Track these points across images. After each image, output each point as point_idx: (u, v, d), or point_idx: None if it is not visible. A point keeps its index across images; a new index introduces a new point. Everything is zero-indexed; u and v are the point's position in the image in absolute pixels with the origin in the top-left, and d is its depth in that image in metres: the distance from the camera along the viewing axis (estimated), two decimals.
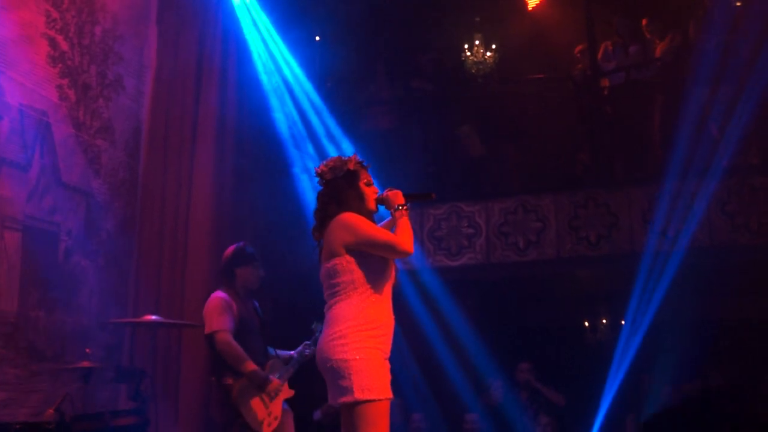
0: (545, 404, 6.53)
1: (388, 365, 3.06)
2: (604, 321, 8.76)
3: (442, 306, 6.66)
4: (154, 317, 4.59)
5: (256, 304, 4.71)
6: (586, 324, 8.87)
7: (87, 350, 4.58)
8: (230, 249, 4.63)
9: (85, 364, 4.34)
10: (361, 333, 2.97)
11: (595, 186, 6.58)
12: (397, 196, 3.24)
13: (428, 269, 6.64)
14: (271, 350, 4.62)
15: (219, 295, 4.45)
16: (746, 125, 6.00)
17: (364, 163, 3.31)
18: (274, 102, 7.00)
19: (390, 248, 3.07)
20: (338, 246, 3.08)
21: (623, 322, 6.67)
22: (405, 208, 3.21)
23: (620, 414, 6.47)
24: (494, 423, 6.52)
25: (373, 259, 3.10)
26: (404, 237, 3.09)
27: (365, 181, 3.26)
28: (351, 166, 3.23)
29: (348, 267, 3.06)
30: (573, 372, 7.39)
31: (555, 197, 6.58)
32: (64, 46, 5.48)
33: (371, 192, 3.26)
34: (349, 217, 3.11)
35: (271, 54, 6.97)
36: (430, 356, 6.75)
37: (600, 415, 6.34)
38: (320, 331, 4.14)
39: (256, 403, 4.32)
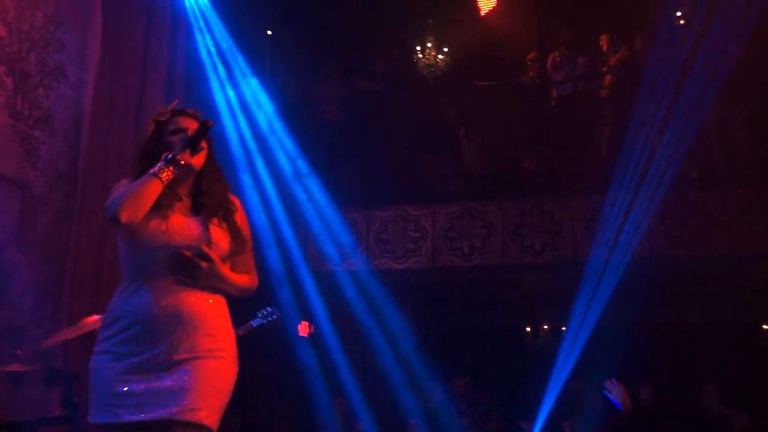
0: (485, 414, 6.59)
1: (126, 378, 2.28)
2: (546, 326, 8.90)
3: (384, 309, 6.65)
4: (96, 317, 4.41)
5: None
6: (528, 329, 9.00)
7: (18, 352, 4.37)
8: None
9: (15, 367, 4.15)
10: (102, 334, 2.41)
11: (540, 194, 6.66)
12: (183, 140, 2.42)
13: (371, 271, 6.62)
14: None
15: None
16: (687, 140, 6.16)
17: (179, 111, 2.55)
18: (220, 98, 6.86)
19: (106, 209, 2.32)
20: None
21: (564, 328, 6.78)
22: (171, 166, 2.35)
23: (558, 419, 6.57)
24: (435, 427, 6.55)
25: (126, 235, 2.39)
26: (123, 198, 2.30)
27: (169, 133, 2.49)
28: (154, 121, 2.54)
29: (119, 243, 2.45)
30: (513, 375, 7.48)
31: (501, 204, 6.65)
32: (2, 31, 5.23)
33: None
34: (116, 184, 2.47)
35: (220, 49, 6.82)
36: (372, 359, 6.74)
37: (539, 419, 6.44)
38: (270, 320, 4.05)
39: None
